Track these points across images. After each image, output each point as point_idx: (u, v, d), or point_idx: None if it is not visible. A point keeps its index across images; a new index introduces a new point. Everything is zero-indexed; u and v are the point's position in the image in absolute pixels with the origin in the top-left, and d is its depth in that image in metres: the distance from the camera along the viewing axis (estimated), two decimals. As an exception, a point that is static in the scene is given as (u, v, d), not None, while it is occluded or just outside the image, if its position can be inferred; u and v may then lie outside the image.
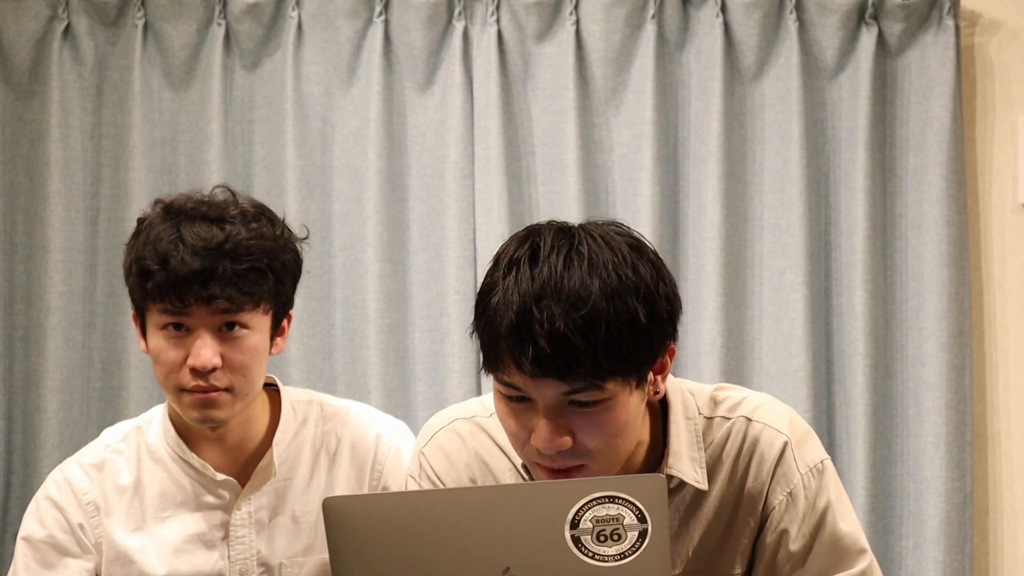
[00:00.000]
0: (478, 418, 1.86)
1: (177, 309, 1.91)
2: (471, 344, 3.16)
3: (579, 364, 1.56)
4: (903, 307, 3.22)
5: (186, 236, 1.91)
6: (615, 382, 1.60)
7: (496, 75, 3.16)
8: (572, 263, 1.58)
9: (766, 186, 3.22)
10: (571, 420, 1.62)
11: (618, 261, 1.59)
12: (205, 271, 1.89)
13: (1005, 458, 3.26)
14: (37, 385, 3.14)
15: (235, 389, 1.95)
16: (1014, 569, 3.24)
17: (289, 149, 3.17)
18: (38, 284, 3.15)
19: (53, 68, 3.15)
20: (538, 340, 1.55)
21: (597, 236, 1.62)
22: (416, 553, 1.57)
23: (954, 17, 3.18)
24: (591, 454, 1.64)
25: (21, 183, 3.19)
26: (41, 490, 2.08)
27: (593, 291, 1.56)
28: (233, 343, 1.93)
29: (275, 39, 3.22)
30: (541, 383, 1.59)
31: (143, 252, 1.94)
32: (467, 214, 3.18)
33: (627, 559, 1.57)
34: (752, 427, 1.78)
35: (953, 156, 3.17)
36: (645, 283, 1.59)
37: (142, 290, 1.94)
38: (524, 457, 1.69)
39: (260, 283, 1.92)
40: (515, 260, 1.60)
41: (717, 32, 3.18)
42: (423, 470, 1.87)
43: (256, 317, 1.95)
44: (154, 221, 1.96)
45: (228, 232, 1.91)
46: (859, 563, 1.77)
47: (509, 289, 1.58)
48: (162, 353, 1.94)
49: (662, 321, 1.61)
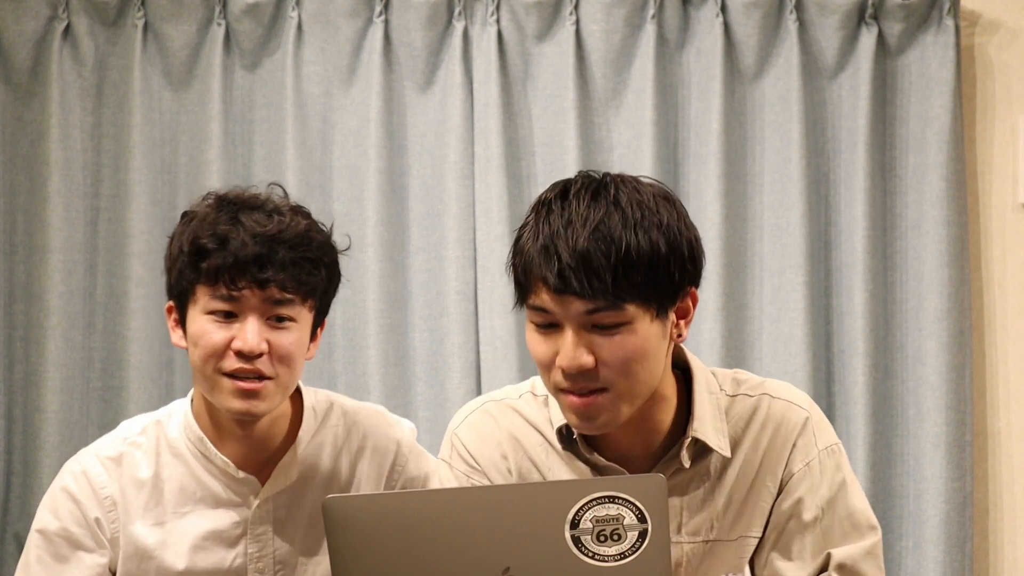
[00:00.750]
0: (508, 400, 1.93)
1: (229, 293, 1.89)
2: (471, 344, 3.17)
3: (600, 280, 1.67)
4: (903, 307, 3.22)
5: (245, 221, 1.90)
6: (635, 306, 1.70)
7: (496, 75, 3.16)
8: (599, 199, 1.71)
9: (766, 186, 3.22)
10: (593, 341, 1.71)
11: (643, 201, 1.72)
12: (263, 255, 1.88)
13: (1005, 458, 3.26)
14: (37, 385, 3.14)
15: (279, 379, 1.93)
16: (1014, 569, 3.25)
17: (289, 149, 3.17)
18: (38, 284, 3.15)
19: (53, 68, 3.15)
20: (563, 256, 1.68)
21: (626, 181, 1.75)
22: (416, 553, 1.57)
23: (954, 17, 3.18)
24: (611, 379, 1.73)
25: (21, 183, 3.19)
26: (57, 481, 2.04)
27: (616, 220, 1.69)
28: (280, 332, 1.92)
29: (275, 39, 3.22)
30: (566, 301, 1.70)
31: (199, 232, 1.90)
32: (467, 214, 3.18)
33: (627, 559, 1.57)
34: (776, 403, 1.87)
35: (953, 156, 3.17)
36: (667, 222, 1.71)
37: (194, 271, 1.91)
38: (551, 386, 1.77)
39: (314, 274, 1.92)
40: (546, 201, 1.74)
41: (717, 32, 3.18)
42: (455, 449, 1.92)
43: (303, 312, 1.94)
44: (204, 209, 1.94)
45: (287, 222, 1.92)
46: (869, 537, 1.85)
47: (540, 222, 1.72)
48: (205, 336, 1.91)
49: (682, 257, 1.72)
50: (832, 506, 1.85)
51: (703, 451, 1.85)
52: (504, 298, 3.14)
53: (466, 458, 1.91)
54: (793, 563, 1.85)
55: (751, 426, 1.87)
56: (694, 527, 1.87)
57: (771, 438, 1.86)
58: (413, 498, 1.68)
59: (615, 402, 1.75)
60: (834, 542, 1.85)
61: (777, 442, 1.86)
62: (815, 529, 1.85)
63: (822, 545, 1.85)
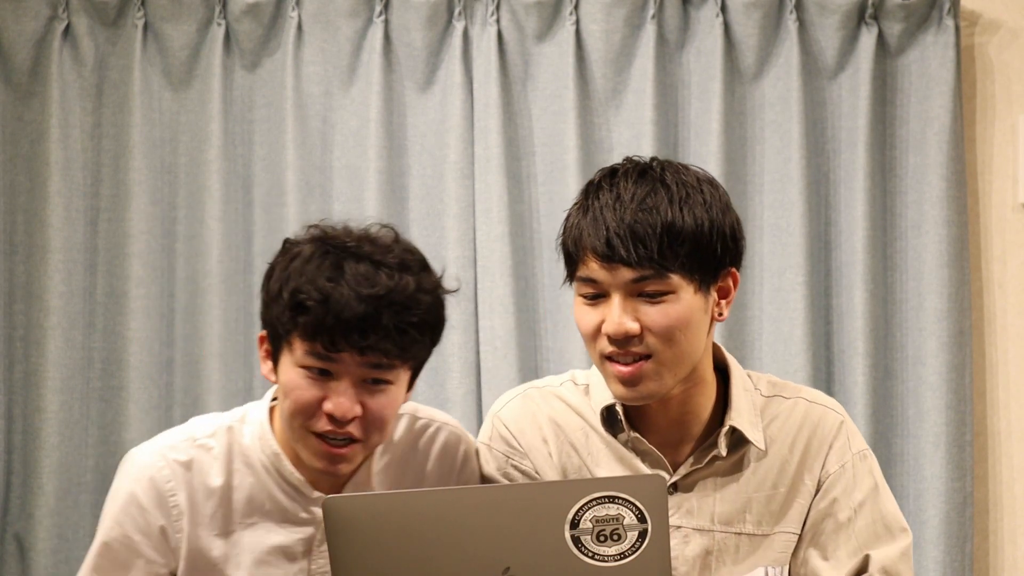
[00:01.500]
0: (550, 387, 2.00)
1: (327, 353, 1.77)
2: (471, 344, 3.17)
3: (646, 248, 1.77)
4: (903, 307, 3.22)
5: (349, 277, 1.76)
6: (679, 276, 1.80)
7: (496, 75, 3.16)
8: (644, 179, 1.83)
9: (766, 186, 3.22)
10: (639, 308, 1.80)
11: (688, 181, 1.83)
12: (368, 319, 1.75)
13: (1005, 458, 3.26)
14: (37, 385, 3.14)
15: (369, 442, 1.84)
16: (1014, 569, 3.24)
17: (289, 149, 3.17)
18: (38, 284, 3.15)
19: (53, 68, 3.15)
20: (611, 226, 1.79)
21: (672, 164, 1.86)
22: (416, 553, 1.57)
23: (954, 17, 3.18)
24: (655, 346, 1.81)
25: (21, 183, 3.19)
26: (123, 481, 1.94)
27: (662, 196, 1.80)
28: (375, 395, 1.81)
29: (275, 39, 3.22)
30: (613, 268, 1.80)
31: (300, 283, 1.77)
32: (467, 214, 3.18)
33: (627, 559, 1.57)
34: (812, 407, 1.95)
35: (953, 156, 3.17)
36: (710, 201, 1.82)
37: (292, 323, 1.78)
38: (596, 356, 1.85)
39: (418, 339, 1.80)
40: (596, 182, 1.86)
41: (717, 32, 3.18)
42: (495, 431, 1.97)
43: (402, 372, 1.83)
44: (307, 250, 1.81)
45: (396, 281, 1.78)
46: (902, 539, 1.92)
47: (590, 199, 1.85)
48: (297, 391, 1.81)
49: (724, 235, 1.82)
50: (866, 508, 1.92)
51: (739, 442, 1.91)
52: (504, 298, 3.14)
53: (507, 438, 1.96)
54: (829, 562, 1.92)
55: (787, 426, 1.93)
56: (726, 517, 1.91)
57: (808, 439, 1.93)
58: (413, 498, 1.68)
59: (659, 370, 1.82)
60: (868, 543, 1.91)
61: (814, 443, 1.93)
62: (849, 529, 1.91)
63: (856, 546, 1.91)
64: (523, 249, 3.20)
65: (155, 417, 3.15)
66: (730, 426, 1.90)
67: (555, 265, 3.19)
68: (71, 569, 3.14)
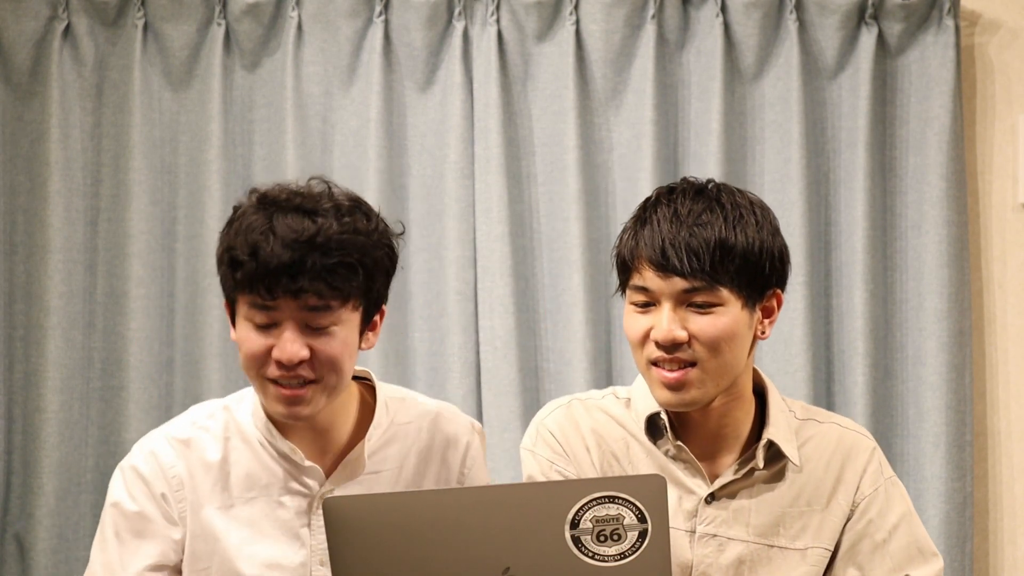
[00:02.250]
0: (592, 399, 2.09)
1: (265, 302, 1.87)
2: (471, 344, 3.17)
3: (699, 261, 1.87)
4: (903, 307, 3.22)
5: (278, 227, 1.86)
6: (728, 290, 1.89)
7: (496, 75, 3.16)
8: (700, 197, 1.92)
9: (766, 186, 3.22)
10: (688, 317, 1.90)
11: (741, 204, 1.92)
12: (295, 264, 1.84)
13: (1005, 458, 3.26)
14: (37, 385, 3.14)
15: (324, 382, 1.91)
16: (1014, 569, 3.25)
17: (289, 149, 3.17)
18: (38, 284, 3.15)
19: (53, 68, 3.15)
20: (666, 238, 1.88)
21: (727, 187, 1.95)
22: (416, 553, 1.57)
23: (954, 17, 3.18)
24: (701, 355, 1.90)
25: (21, 183, 3.19)
26: (126, 460, 2.04)
27: (717, 216, 1.89)
28: (321, 337, 1.89)
29: (275, 39, 3.22)
30: (666, 278, 1.89)
31: (234, 242, 1.88)
32: (467, 214, 3.18)
33: (627, 559, 1.57)
34: (845, 432, 2.05)
35: (953, 156, 3.17)
36: (761, 223, 1.91)
37: (232, 280, 1.90)
38: (643, 362, 1.94)
39: (350, 279, 1.88)
40: (654, 199, 1.95)
41: (717, 32, 3.18)
42: (540, 437, 2.05)
43: (345, 313, 1.90)
44: (247, 211, 1.91)
45: (320, 225, 1.86)
46: (934, 563, 2.01)
47: (648, 213, 1.93)
48: (247, 342, 1.91)
49: (773, 257, 1.92)
50: (900, 531, 2.01)
51: (776, 457, 2.00)
52: (504, 298, 3.14)
53: (552, 445, 2.04)
54: None
55: (822, 447, 2.03)
56: (761, 529, 1.99)
57: (842, 461, 2.02)
58: (413, 498, 1.68)
59: (703, 378, 1.91)
60: (904, 564, 2.00)
61: (848, 466, 2.02)
62: (885, 550, 2.00)
63: (893, 565, 1.99)
64: (523, 249, 3.20)
65: (155, 417, 3.15)
66: (768, 440, 1.98)
67: (555, 265, 3.20)
68: (71, 569, 3.15)
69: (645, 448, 2.01)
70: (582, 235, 3.15)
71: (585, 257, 3.16)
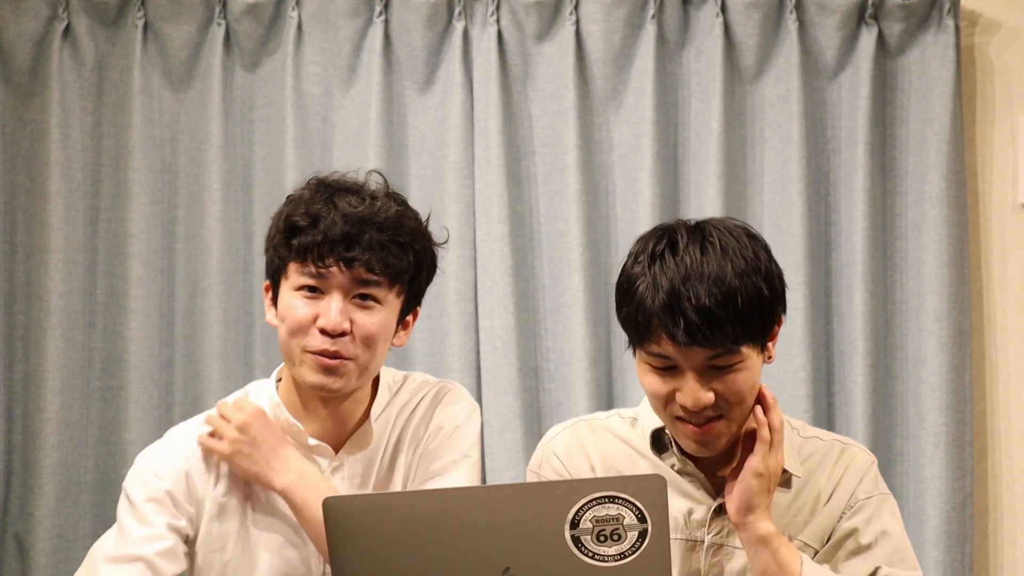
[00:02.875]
0: (597, 419, 2.12)
1: (318, 270, 1.95)
2: (471, 344, 3.16)
3: (722, 332, 1.87)
4: (903, 307, 3.22)
5: (338, 203, 1.97)
6: (748, 346, 1.91)
7: (496, 75, 3.16)
8: (707, 251, 1.90)
9: (766, 186, 3.22)
10: (713, 379, 1.91)
11: (742, 246, 1.91)
12: (352, 235, 1.94)
13: (1005, 458, 3.26)
14: (37, 385, 3.14)
15: (359, 360, 1.98)
16: (1014, 569, 3.24)
17: (289, 149, 3.17)
18: (38, 284, 3.15)
19: (53, 68, 3.15)
20: (688, 314, 1.86)
21: (721, 227, 1.94)
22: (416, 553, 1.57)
23: (954, 17, 3.18)
24: (728, 408, 1.93)
25: (21, 183, 3.19)
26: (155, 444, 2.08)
27: (728, 272, 1.88)
28: (364, 312, 1.97)
29: (275, 39, 3.22)
30: (689, 351, 1.88)
31: (295, 211, 1.99)
32: (467, 214, 3.18)
33: (627, 559, 1.57)
34: (847, 448, 2.09)
35: (953, 156, 3.17)
36: (764, 264, 1.92)
37: (287, 248, 1.98)
38: (667, 415, 1.96)
39: (401, 257, 1.97)
40: (657, 253, 1.92)
41: (717, 32, 3.18)
42: (546, 460, 2.07)
43: (389, 296, 1.99)
44: (305, 191, 2.02)
45: (379, 205, 1.98)
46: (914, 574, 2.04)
47: (656, 276, 1.89)
48: (292, 311, 1.98)
49: (778, 295, 1.94)
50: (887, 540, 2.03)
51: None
52: (504, 298, 3.14)
53: (557, 468, 2.06)
54: None
55: (824, 461, 2.07)
56: None
57: (843, 472, 2.06)
58: (413, 498, 1.68)
59: (729, 426, 1.95)
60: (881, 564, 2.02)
61: (848, 475, 2.05)
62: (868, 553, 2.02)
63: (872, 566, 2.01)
64: (523, 249, 3.20)
65: (155, 417, 3.15)
66: None
67: (555, 265, 3.20)
68: (71, 569, 3.14)
69: (651, 463, 2.04)
70: (582, 235, 3.15)
71: (585, 257, 3.16)
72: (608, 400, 3.20)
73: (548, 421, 3.18)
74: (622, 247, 3.19)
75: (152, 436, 3.13)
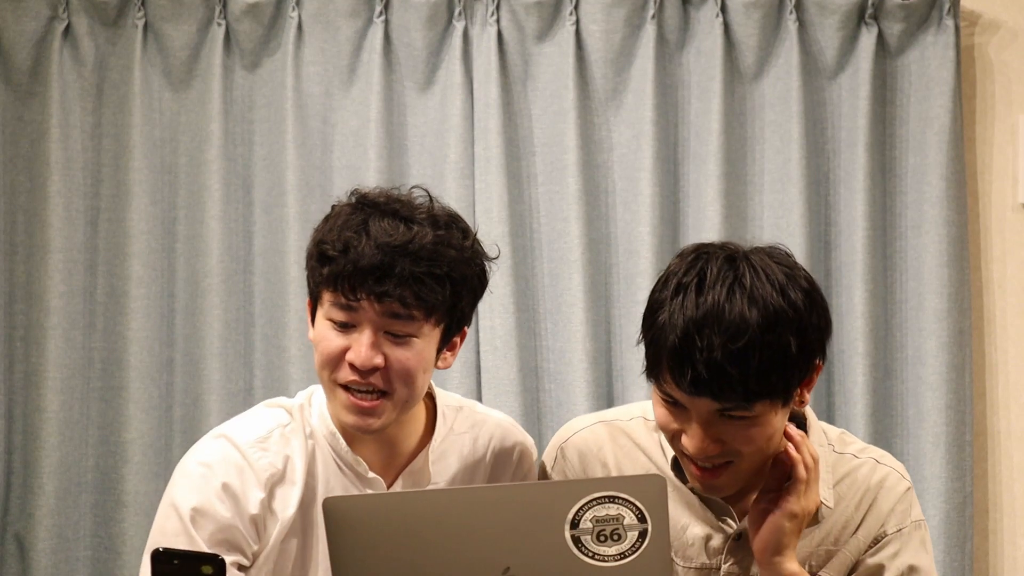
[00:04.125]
0: (619, 421, 2.01)
1: (348, 301, 1.84)
2: (471, 344, 3.16)
3: (732, 390, 1.72)
4: (903, 307, 3.22)
5: (372, 228, 1.84)
6: (763, 404, 1.75)
7: (496, 75, 3.16)
8: (734, 294, 1.73)
9: (766, 186, 3.21)
10: (721, 429, 1.78)
11: (776, 291, 1.74)
12: (383, 266, 1.82)
13: (1005, 458, 3.26)
14: (37, 385, 3.14)
15: (395, 396, 1.88)
16: (1014, 569, 3.24)
17: (289, 149, 3.17)
18: (38, 284, 3.15)
19: (53, 68, 3.15)
20: (696, 366, 1.71)
21: (760, 265, 1.76)
22: (416, 553, 1.57)
23: (954, 17, 3.18)
24: (737, 456, 1.80)
25: (21, 183, 3.19)
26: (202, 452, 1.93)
27: (751, 323, 1.71)
28: (398, 347, 1.86)
29: (275, 39, 3.22)
30: (696, 400, 1.75)
31: (327, 237, 1.86)
32: (467, 214, 3.18)
33: (627, 559, 1.57)
34: (880, 468, 1.97)
35: (953, 156, 3.17)
36: (799, 314, 1.74)
37: (319, 275, 1.87)
38: (675, 449, 1.85)
39: (436, 291, 1.84)
40: (683, 285, 1.76)
41: (717, 32, 3.18)
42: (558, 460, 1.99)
43: (426, 327, 1.87)
44: (344, 209, 1.89)
45: (415, 233, 1.84)
46: None
47: (675, 312, 1.74)
48: (324, 342, 1.88)
49: (811, 350, 1.77)
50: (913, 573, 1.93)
51: None
52: (504, 298, 3.14)
53: (565, 470, 1.99)
54: None
55: (856, 486, 1.95)
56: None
57: (873, 500, 1.94)
58: (413, 498, 1.68)
59: (738, 472, 1.83)
60: None
61: (878, 504, 1.94)
62: None
63: None
64: (523, 249, 3.20)
65: (155, 417, 3.15)
66: None
67: (555, 265, 3.20)
68: (71, 569, 3.15)
69: (672, 483, 1.94)
70: (582, 235, 3.15)
71: (585, 257, 3.16)
72: (608, 400, 3.19)
73: (548, 421, 3.18)
74: (622, 247, 3.19)
75: (152, 436, 3.14)
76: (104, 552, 3.14)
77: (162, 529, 1.89)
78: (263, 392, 3.11)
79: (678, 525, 1.95)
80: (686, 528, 1.95)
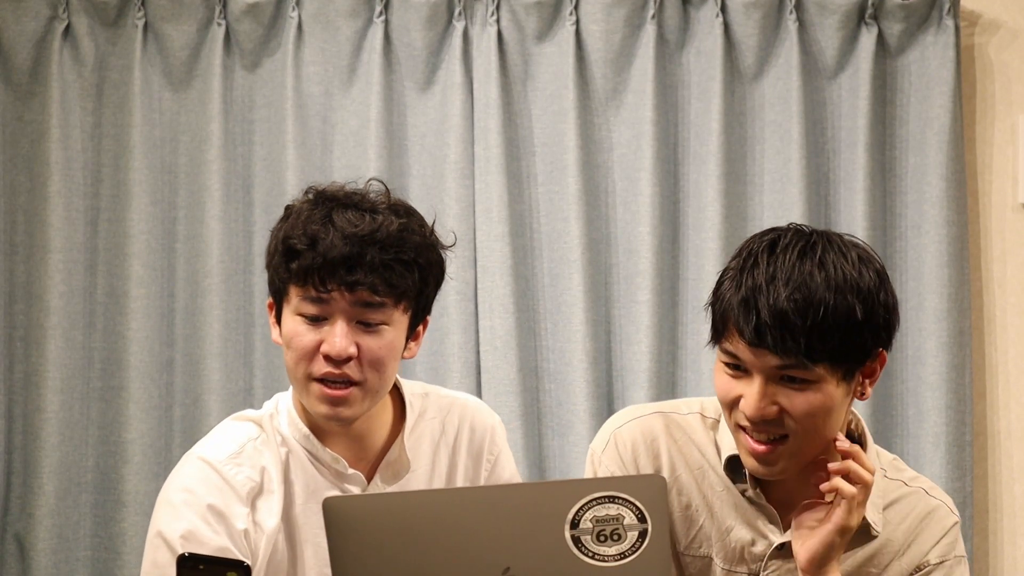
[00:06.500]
0: (676, 414, 2.00)
1: (319, 295, 1.86)
2: (471, 344, 3.17)
3: (794, 341, 1.74)
4: (903, 307, 3.21)
5: (337, 220, 1.85)
6: (824, 367, 1.77)
7: (496, 75, 3.16)
8: (805, 257, 1.77)
9: (766, 186, 3.22)
10: (779, 392, 1.79)
11: (847, 264, 1.78)
12: (352, 256, 1.83)
13: (1005, 458, 3.26)
14: (37, 385, 3.14)
15: (367, 384, 1.89)
16: (1014, 569, 3.24)
17: (289, 149, 3.17)
18: (38, 284, 3.15)
19: (53, 68, 3.15)
20: (761, 312, 1.75)
21: (833, 242, 1.81)
22: (416, 553, 1.57)
23: (954, 17, 3.18)
24: (793, 428, 1.80)
25: (21, 183, 3.19)
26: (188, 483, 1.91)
27: (818, 281, 1.75)
28: (370, 335, 1.88)
29: (275, 39, 3.22)
30: (758, 353, 1.77)
31: (291, 232, 1.87)
32: (467, 214, 3.18)
33: (627, 559, 1.57)
34: (930, 499, 1.96)
35: (953, 156, 3.17)
36: (867, 286, 1.78)
37: (286, 271, 1.88)
38: (731, 423, 1.85)
39: (405, 276, 1.87)
40: (754, 252, 1.80)
41: (717, 32, 3.18)
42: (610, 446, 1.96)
43: (395, 315, 1.89)
44: (304, 206, 1.90)
45: (380, 222, 1.86)
46: None
47: (745, 272, 1.78)
48: (296, 338, 1.89)
49: (877, 324, 1.79)
50: None
51: None
52: (504, 298, 3.14)
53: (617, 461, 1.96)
54: None
55: (903, 513, 1.94)
56: None
57: (919, 531, 1.94)
58: (413, 498, 1.68)
59: (794, 451, 1.82)
60: None
61: (924, 535, 1.94)
62: None
63: None
64: (523, 249, 3.20)
65: (155, 417, 3.15)
66: None
67: (555, 265, 3.20)
68: (71, 569, 3.15)
69: (723, 482, 1.94)
70: (582, 235, 3.15)
71: (585, 257, 3.16)
72: (608, 400, 3.20)
73: (548, 421, 3.18)
74: (622, 247, 3.19)
75: (152, 436, 3.15)
76: (104, 552, 3.14)
77: (154, 561, 1.88)
78: (263, 392, 3.11)
79: (723, 526, 1.94)
80: (730, 530, 1.94)
